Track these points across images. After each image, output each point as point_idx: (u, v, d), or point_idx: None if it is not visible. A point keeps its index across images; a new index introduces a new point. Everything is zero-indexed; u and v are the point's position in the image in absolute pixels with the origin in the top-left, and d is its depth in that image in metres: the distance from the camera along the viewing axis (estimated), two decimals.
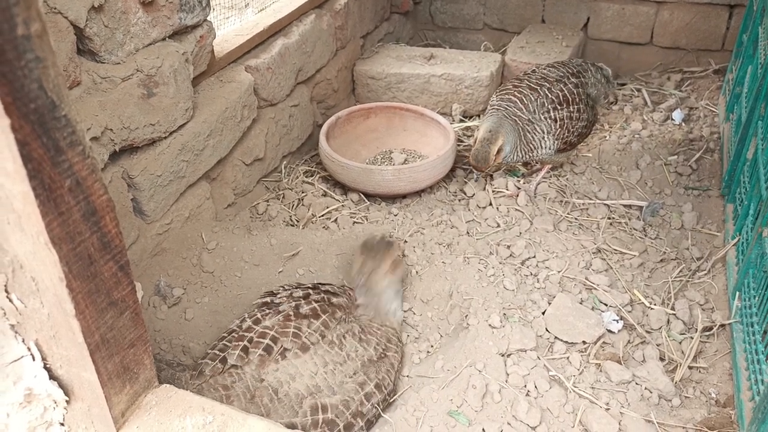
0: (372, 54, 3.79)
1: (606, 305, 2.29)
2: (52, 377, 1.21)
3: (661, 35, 3.92)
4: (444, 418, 1.88)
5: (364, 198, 2.93)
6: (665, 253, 2.55)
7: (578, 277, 2.40)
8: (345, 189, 2.98)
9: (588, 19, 4.05)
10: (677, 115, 3.49)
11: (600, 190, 2.91)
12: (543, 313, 2.23)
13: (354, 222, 2.77)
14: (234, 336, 1.88)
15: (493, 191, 2.92)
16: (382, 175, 2.77)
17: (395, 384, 1.99)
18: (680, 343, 2.16)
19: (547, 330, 2.18)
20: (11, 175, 0.91)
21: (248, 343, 1.82)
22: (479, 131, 2.74)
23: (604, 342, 2.16)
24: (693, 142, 3.24)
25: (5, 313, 1.14)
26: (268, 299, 2.02)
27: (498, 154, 2.67)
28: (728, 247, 2.44)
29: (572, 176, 3.02)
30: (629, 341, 2.18)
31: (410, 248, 2.56)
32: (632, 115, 3.58)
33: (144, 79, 2.12)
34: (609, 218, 2.75)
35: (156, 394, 1.32)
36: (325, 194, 2.95)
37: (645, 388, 1.99)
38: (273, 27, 2.92)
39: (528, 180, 3.02)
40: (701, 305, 2.30)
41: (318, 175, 3.09)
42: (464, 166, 3.14)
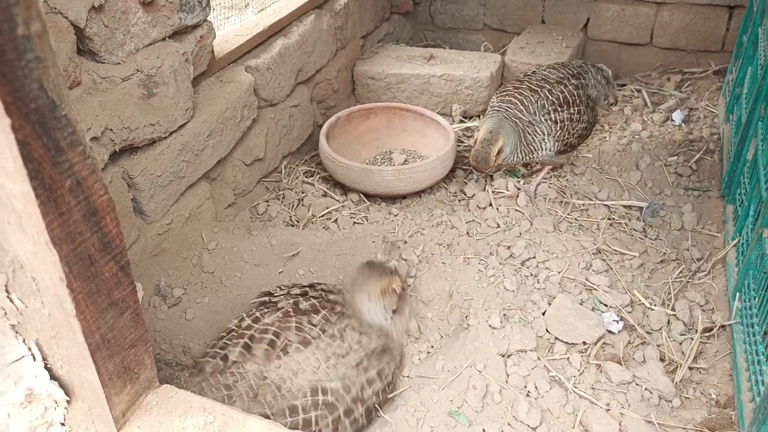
0: (372, 54, 3.79)
1: (606, 306, 2.29)
2: (53, 377, 1.21)
3: (661, 36, 3.92)
4: (444, 419, 1.88)
5: (364, 198, 2.93)
6: (665, 254, 2.55)
7: (578, 278, 2.40)
8: (345, 189, 2.98)
9: (588, 20, 4.05)
10: (677, 116, 3.49)
11: (600, 191, 2.91)
12: (543, 314, 2.23)
13: (354, 222, 2.77)
14: (234, 335, 1.88)
15: (493, 192, 2.92)
16: (382, 176, 2.76)
17: (395, 378, 1.99)
18: (680, 344, 2.16)
19: (548, 330, 2.18)
20: (12, 175, 0.91)
21: (249, 341, 1.83)
22: (479, 132, 2.74)
23: (605, 343, 2.16)
24: (693, 143, 3.24)
25: (6, 313, 1.14)
26: (266, 298, 2.03)
27: (498, 155, 2.67)
28: (728, 248, 2.44)
29: (572, 177, 3.03)
30: (629, 342, 2.18)
31: (410, 249, 2.56)
32: (632, 116, 3.58)
33: (144, 79, 2.12)
34: (609, 219, 2.75)
35: (157, 394, 1.32)
36: (325, 194, 2.95)
37: (645, 389, 1.99)
38: (273, 27, 2.92)
39: (528, 181, 3.02)
40: (701, 306, 2.30)
41: (318, 176, 3.09)
42: (464, 167, 3.14)
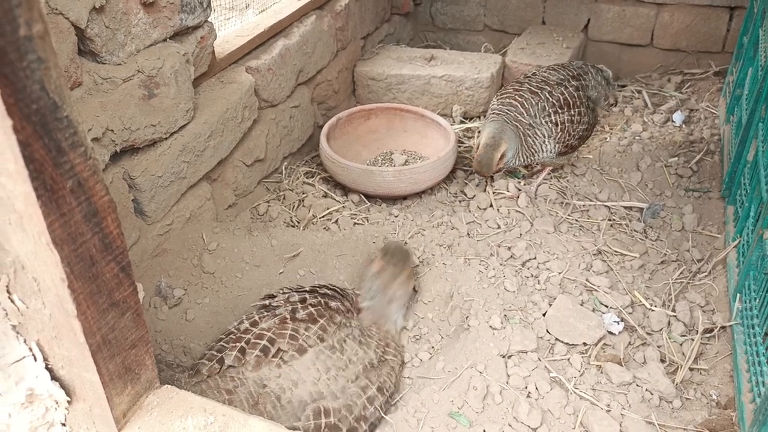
0: (372, 55, 3.80)
1: (607, 307, 2.29)
2: (54, 378, 1.21)
3: (662, 37, 3.93)
4: (445, 420, 1.88)
5: (365, 199, 2.93)
6: (666, 255, 2.55)
7: (579, 279, 2.40)
8: (346, 190, 2.98)
9: (588, 21, 4.05)
10: (678, 117, 3.49)
11: (600, 192, 2.91)
12: (544, 315, 2.23)
13: (354, 223, 2.77)
14: (231, 337, 1.89)
15: (494, 193, 2.92)
16: (383, 177, 2.77)
17: (396, 386, 1.99)
18: (681, 345, 2.16)
19: (548, 331, 2.18)
20: (13, 176, 0.91)
21: (245, 345, 1.83)
22: (482, 137, 2.74)
23: (605, 343, 2.16)
24: (693, 144, 3.24)
25: (7, 314, 1.14)
26: (267, 302, 2.03)
27: (501, 160, 2.68)
28: (729, 249, 2.44)
29: (573, 178, 3.03)
30: (630, 343, 2.18)
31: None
32: (633, 117, 3.58)
33: (145, 80, 2.12)
34: (609, 220, 2.75)
35: (157, 395, 1.32)
36: (326, 195, 2.95)
37: (646, 390, 1.99)
38: (274, 28, 2.92)
39: (529, 181, 3.02)
40: (702, 307, 2.30)
41: (318, 176, 3.09)
42: (465, 168, 3.14)
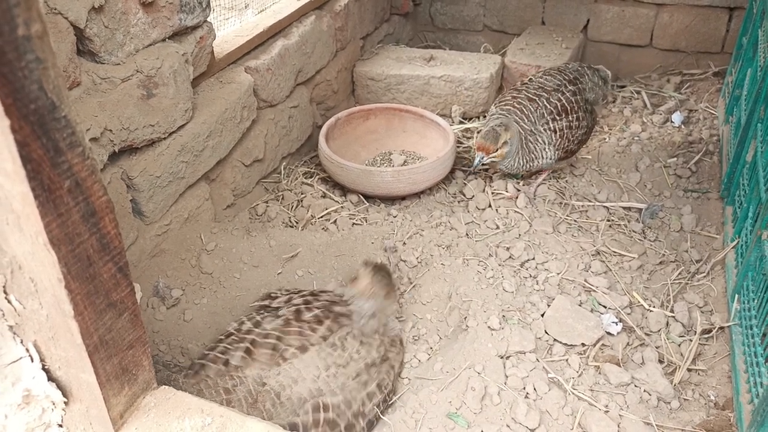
0: (372, 55, 3.79)
1: (605, 307, 2.29)
2: (51, 378, 1.21)
3: (661, 37, 3.93)
4: (443, 420, 1.88)
5: (364, 199, 2.93)
6: (664, 256, 2.55)
7: (577, 279, 2.40)
8: (344, 190, 2.98)
9: (588, 21, 4.05)
10: (677, 118, 3.49)
11: (599, 192, 2.91)
12: (542, 315, 2.23)
13: (353, 223, 2.77)
14: (234, 338, 1.88)
15: (493, 193, 2.92)
16: (382, 177, 2.76)
17: (394, 385, 1.99)
18: (679, 346, 2.16)
19: (546, 332, 2.18)
20: (11, 176, 0.91)
21: (251, 345, 1.83)
22: (488, 123, 2.76)
23: (603, 344, 2.16)
24: (692, 145, 3.24)
25: (4, 314, 1.14)
26: (267, 302, 2.03)
27: (503, 145, 2.67)
28: (727, 250, 2.44)
29: (572, 178, 3.03)
30: (628, 343, 2.18)
31: (409, 250, 2.56)
32: (632, 118, 3.58)
33: (144, 80, 2.12)
34: (608, 220, 2.75)
35: (155, 396, 1.32)
36: (325, 195, 2.95)
37: (644, 391, 1.99)
38: (273, 28, 2.92)
39: (527, 182, 3.02)
40: (700, 308, 2.30)
41: (317, 177, 3.09)
42: (464, 168, 3.14)
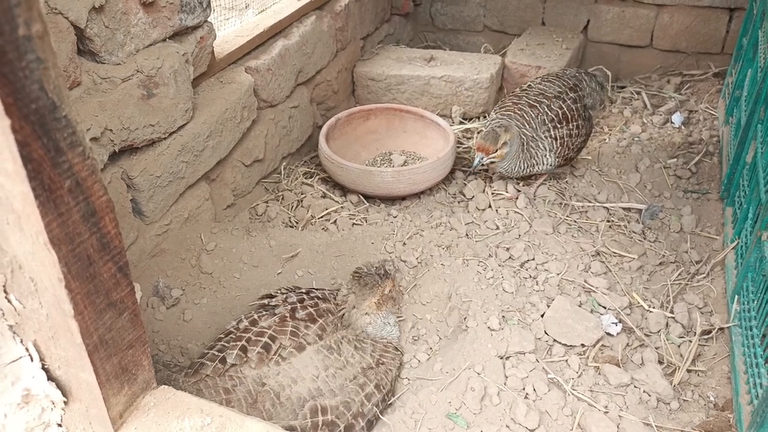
0: (372, 55, 3.79)
1: (605, 308, 2.29)
2: (51, 378, 1.21)
3: (661, 38, 3.93)
4: (442, 421, 1.88)
5: (364, 199, 2.93)
6: (664, 256, 2.55)
7: (577, 280, 2.40)
8: (344, 190, 2.98)
9: (588, 22, 4.05)
10: (677, 118, 3.49)
11: (599, 193, 2.91)
12: (542, 316, 2.23)
13: (353, 224, 2.77)
14: (232, 337, 1.90)
15: (493, 194, 2.92)
16: (382, 177, 2.76)
17: (392, 385, 1.99)
18: (679, 347, 2.16)
19: (546, 333, 2.18)
20: (11, 176, 0.91)
21: (246, 343, 1.84)
22: (489, 124, 2.76)
23: (603, 345, 2.16)
24: (692, 146, 3.24)
25: (4, 314, 1.14)
26: (266, 301, 2.05)
27: (503, 146, 2.67)
28: (727, 251, 2.44)
29: (572, 179, 3.03)
30: (628, 344, 2.18)
31: (409, 250, 2.56)
32: (632, 118, 3.58)
33: (144, 80, 2.12)
34: (608, 221, 2.75)
35: (154, 396, 1.32)
36: (325, 196, 2.95)
37: (644, 391, 1.99)
38: (273, 28, 2.92)
39: (527, 183, 3.02)
40: (700, 308, 2.30)
41: (317, 177, 3.09)
42: (464, 169, 3.14)
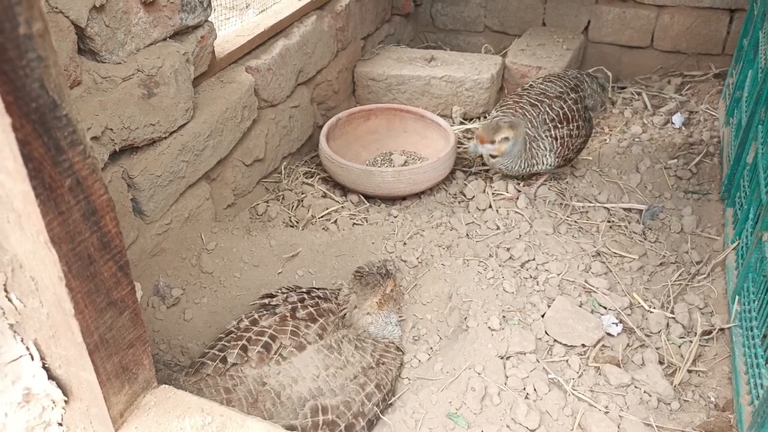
0: (373, 55, 3.79)
1: (605, 308, 2.29)
2: (51, 377, 1.20)
3: (662, 39, 3.93)
4: (443, 421, 1.88)
5: (364, 199, 2.93)
6: (665, 257, 2.55)
7: (578, 280, 2.40)
8: (345, 190, 2.98)
9: (589, 23, 4.05)
10: (677, 119, 3.49)
11: (600, 194, 2.91)
12: (542, 316, 2.23)
13: (354, 223, 2.77)
14: (232, 336, 1.90)
15: (493, 194, 2.92)
16: (382, 177, 2.76)
17: (393, 385, 1.99)
18: (679, 347, 2.16)
19: (547, 333, 2.18)
20: (12, 174, 0.91)
21: (247, 342, 1.84)
22: (497, 116, 2.77)
23: (604, 345, 2.16)
24: (693, 146, 3.24)
25: (4, 313, 1.14)
26: (266, 301, 2.05)
27: (503, 141, 2.67)
28: (728, 251, 2.44)
29: (572, 179, 3.03)
30: (628, 344, 2.18)
31: (410, 250, 2.56)
32: (632, 119, 3.58)
33: (144, 79, 2.12)
34: (609, 221, 2.75)
35: (155, 395, 1.32)
36: (325, 195, 2.95)
37: (644, 392, 1.99)
38: (274, 28, 2.92)
39: (528, 183, 3.02)
40: (701, 309, 2.30)
41: (318, 177, 3.09)
42: (464, 169, 3.14)
